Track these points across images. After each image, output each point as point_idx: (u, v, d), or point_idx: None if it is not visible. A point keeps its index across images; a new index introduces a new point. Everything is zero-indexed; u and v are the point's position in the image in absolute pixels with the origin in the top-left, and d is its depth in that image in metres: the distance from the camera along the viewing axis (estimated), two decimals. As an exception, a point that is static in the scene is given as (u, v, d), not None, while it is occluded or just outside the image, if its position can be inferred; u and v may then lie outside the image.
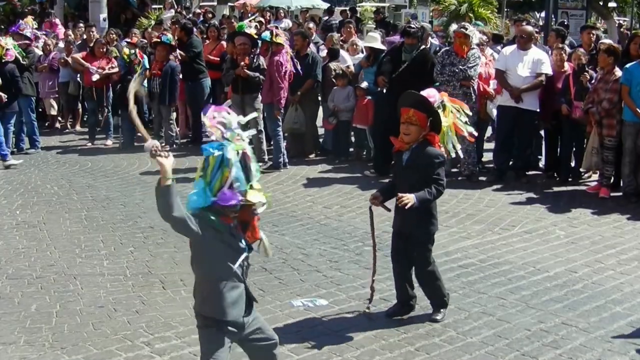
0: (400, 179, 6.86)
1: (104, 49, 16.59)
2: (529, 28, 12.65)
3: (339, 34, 17.11)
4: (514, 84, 12.20)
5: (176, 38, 16.00)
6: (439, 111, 6.77)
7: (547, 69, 12.29)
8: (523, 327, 6.80)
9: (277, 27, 13.50)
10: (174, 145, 15.63)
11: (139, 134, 16.15)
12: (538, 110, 12.41)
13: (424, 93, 6.80)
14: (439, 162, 6.71)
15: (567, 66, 12.41)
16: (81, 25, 19.91)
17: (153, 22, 21.66)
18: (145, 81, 16.49)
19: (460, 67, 12.20)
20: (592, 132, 11.62)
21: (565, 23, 19.54)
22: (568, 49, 13.09)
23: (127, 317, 7.10)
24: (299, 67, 13.48)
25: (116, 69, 16.22)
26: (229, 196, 4.60)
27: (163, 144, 15.03)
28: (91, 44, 17.33)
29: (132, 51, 15.78)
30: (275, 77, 13.09)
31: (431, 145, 6.72)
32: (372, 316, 7.04)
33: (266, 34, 13.46)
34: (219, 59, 16.03)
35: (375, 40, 14.36)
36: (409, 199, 6.40)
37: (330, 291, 7.69)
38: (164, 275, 8.21)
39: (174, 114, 16.20)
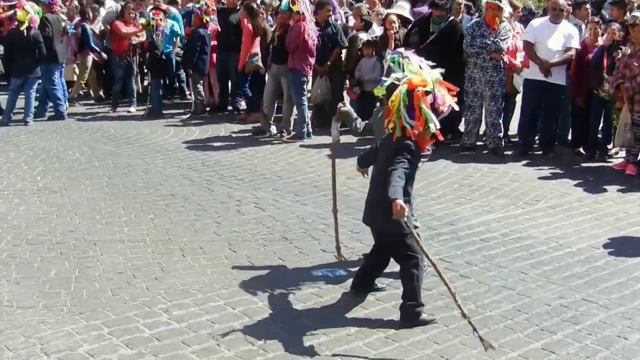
0: None
1: (133, 14, 16.53)
2: (562, 0, 12.47)
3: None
4: (544, 58, 12.04)
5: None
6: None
7: (576, 43, 12.13)
8: (543, 302, 6.73)
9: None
10: (204, 113, 15.78)
11: (164, 102, 16.18)
12: (565, 84, 12.26)
13: None
14: None
15: (600, 41, 12.22)
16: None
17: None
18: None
19: (492, 39, 12.07)
20: (624, 107, 11.39)
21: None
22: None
23: (146, 284, 7.09)
24: (316, 37, 13.36)
25: (144, 37, 16.19)
26: None
27: (191, 110, 15.23)
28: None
29: (148, 17, 15.79)
30: (298, 45, 13.03)
31: None
32: (390, 289, 6.99)
33: (285, 3, 13.37)
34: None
35: (403, 9, 14.26)
36: None
37: (350, 262, 7.65)
38: (183, 243, 8.20)
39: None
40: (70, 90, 17.82)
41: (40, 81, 15.39)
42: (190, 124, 15.05)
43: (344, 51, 14.36)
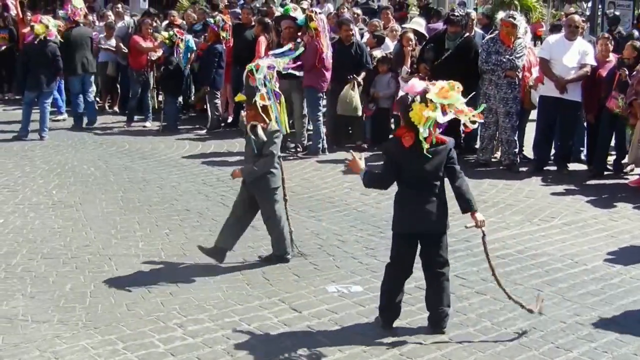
0: None
1: (151, 30, 16.59)
2: (577, 17, 12.52)
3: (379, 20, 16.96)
4: (559, 74, 12.02)
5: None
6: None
7: (591, 60, 12.12)
8: (558, 320, 6.70)
9: (316, 12, 13.39)
10: (219, 128, 15.79)
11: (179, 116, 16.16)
12: (580, 100, 12.24)
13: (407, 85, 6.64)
14: None
15: (612, 57, 12.23)
16: (119, 6, 19.86)
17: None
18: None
19: (507, 56, 12.08)
20: (638, 124, 11.35)
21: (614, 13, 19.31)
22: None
23: (161, 299, 7.09)
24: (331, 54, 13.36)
25: (160, 52, 16.25)
26: None
27: (207, 126, 15.24)
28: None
29: (172, 32, 15.82)
30: (314, 63, 13.03)
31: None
32: (405, 305, 6.97)
33: (302, 19, 13.38)
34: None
35: (419, 25, 14.30)
36: None
37: (365, 278, 7.64)
38: (198, 258, 8.19)
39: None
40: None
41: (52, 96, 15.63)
42: (205, 139, 15.07)
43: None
